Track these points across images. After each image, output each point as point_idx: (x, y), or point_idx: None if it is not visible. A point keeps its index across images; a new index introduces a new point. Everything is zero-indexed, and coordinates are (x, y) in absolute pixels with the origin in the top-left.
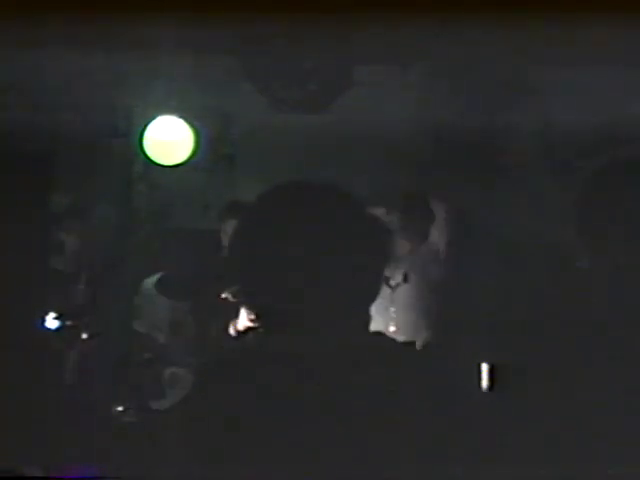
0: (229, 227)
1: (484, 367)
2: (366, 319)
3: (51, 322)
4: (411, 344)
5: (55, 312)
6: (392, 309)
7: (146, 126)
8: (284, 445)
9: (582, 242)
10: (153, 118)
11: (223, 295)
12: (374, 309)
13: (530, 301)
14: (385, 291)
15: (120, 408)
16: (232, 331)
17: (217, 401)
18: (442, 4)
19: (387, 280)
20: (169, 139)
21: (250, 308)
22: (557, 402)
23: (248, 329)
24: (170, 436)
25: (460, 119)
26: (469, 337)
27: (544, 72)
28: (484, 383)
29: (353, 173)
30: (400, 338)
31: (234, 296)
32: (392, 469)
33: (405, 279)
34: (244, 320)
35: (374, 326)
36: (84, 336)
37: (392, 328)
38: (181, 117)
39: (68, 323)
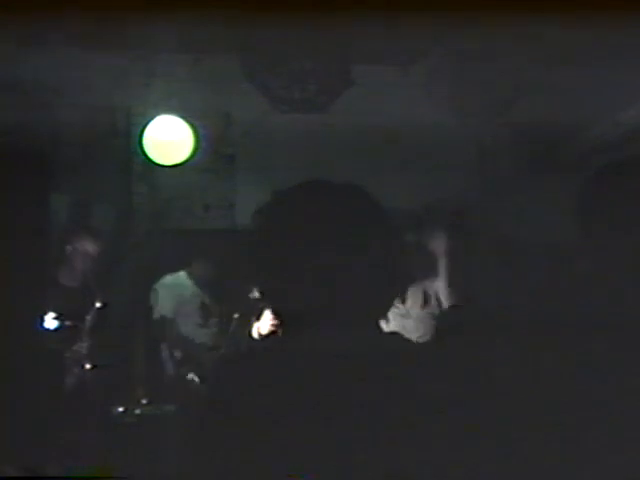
0: (240, 227)
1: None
2: (381, 319)
3: (51, 322)
4: (426, 344)
5: (55, 312)
6: (407, 309)
7: (146, 126)
8: (294, 445)
9: (582, 242)
10: (153, 118)
11: (251, 295)
12: (389, 309)
13: (530, 301)
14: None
15: (120, 409)
16: (256, 334)
17: (225, 402)
18: (442, 4)
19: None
20: (169, 139)
21: (274, 311)
22: (557, 402)
23: (271, 333)
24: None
25: (460, 119)
26: (472, 337)
27: (544, 72)
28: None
29: (353, 173)
30: (415, 338)
31: (261, 295)
32: (407, 468)
33: (418, 279)
34: (267, 324)
35: (389, 326)
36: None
37: (407, 328)
38: (181, 117)
39: (68, 323)
